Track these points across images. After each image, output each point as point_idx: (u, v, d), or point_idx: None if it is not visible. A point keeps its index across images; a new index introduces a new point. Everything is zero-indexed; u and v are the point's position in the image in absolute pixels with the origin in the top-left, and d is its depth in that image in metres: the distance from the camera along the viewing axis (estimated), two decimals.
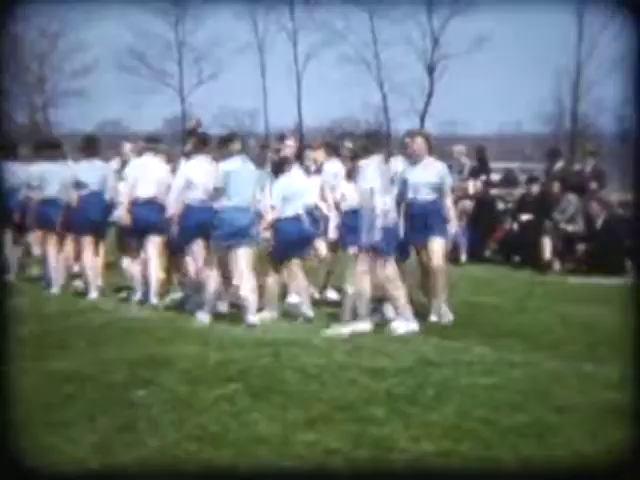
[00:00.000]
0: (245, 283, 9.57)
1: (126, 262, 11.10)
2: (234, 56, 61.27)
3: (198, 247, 10.17)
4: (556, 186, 15.80)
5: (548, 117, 43.13)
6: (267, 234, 9.94)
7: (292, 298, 10.48)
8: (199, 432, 5.65)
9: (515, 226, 16.15)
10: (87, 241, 11.54)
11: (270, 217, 9.91)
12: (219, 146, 10.08)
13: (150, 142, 11.39)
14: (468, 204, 16.81)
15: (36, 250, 13.02)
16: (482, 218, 16.56)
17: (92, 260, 11.54)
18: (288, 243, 9.92)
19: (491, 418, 5.86)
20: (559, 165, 16.55)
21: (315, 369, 7.23)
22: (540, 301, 11.51)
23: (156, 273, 10.79)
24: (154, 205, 10.75)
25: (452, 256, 16.10)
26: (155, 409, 6.15)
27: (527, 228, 15.66)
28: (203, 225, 9.88)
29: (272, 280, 9.98)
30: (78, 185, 11.58)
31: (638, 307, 9.11)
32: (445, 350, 8.17)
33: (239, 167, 9.77)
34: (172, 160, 11.45)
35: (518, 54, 65.32)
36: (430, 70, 43.18)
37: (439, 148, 14.54)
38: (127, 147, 12.35)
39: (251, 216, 9.80)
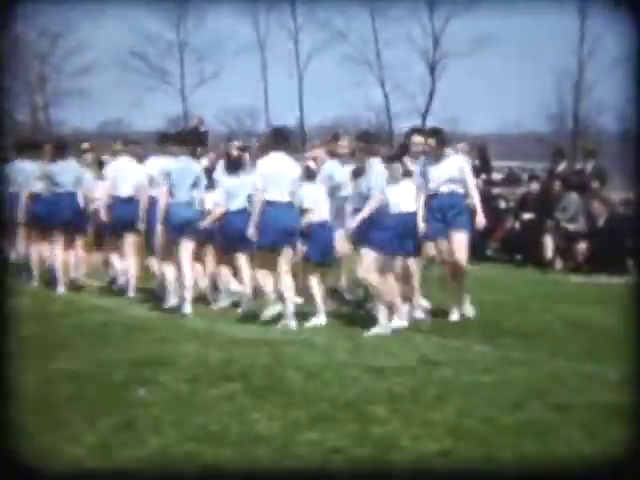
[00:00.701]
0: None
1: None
2: (235, 55, 61.61)
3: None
4: (557, 185, 15.79)
5: (550, 116, 43.15)
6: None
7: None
8: (200, 432, 5.64)
9: (517, 225, 16.15)
10: (58, 237, 12.13)
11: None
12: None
13: (126, 145, 12.28)
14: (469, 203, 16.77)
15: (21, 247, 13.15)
16: (484, 217, 16.52)
17: (62, 255, 12.12)
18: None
19: (492, 417, 5.86)
20: (562, 166, 16.54)
21: (316, 368, 7.23)
22: (541, 300, 11.50)
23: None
24: (133, 203, 11.30)
25: None
26: (155, 408, 6.15)
27: (529, 227, 15.66)
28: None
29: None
30: (52, 184, 12.17)
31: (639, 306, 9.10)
32: (446, 349, 8.17)
33: None
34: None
35: (519, 53, 65.18)
36: (432, 69, 43.19)
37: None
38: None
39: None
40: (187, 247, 10.30)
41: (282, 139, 9.87)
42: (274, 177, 9.46)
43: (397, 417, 5.90)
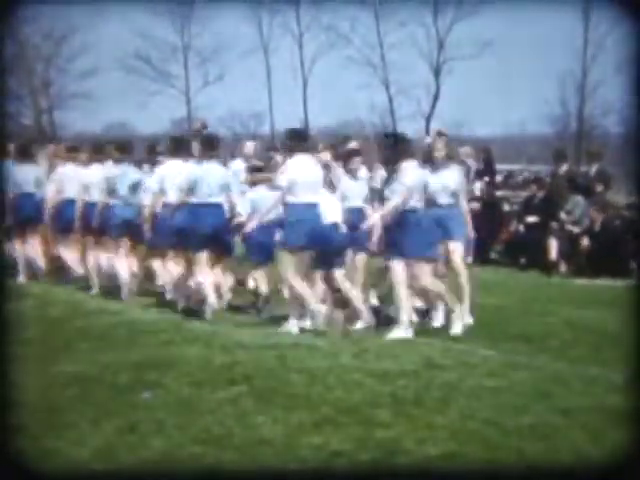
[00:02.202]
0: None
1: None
2: (240, 58, 61.53)
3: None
4: (562, 187, 15.79)
5: (554, 119, 43.16)
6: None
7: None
8: (203, 435, 5.64)
9: (521, 228, 16.15)
10: (19, 233, 13.15)
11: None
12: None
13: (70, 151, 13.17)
14: (474, 206, 16.79)
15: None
16: (488, 220, 16.55)
17: (20, 248, 13.11)
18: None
19: (496, 420, 5.85)
20: (564, 167, 16.53)
21: (320, 372, 7.22)
22: (545, 303, 11.50)
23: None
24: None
25: None
26: (159, 411, 6.15)
27: (533, 230, 15.65)
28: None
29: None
30: (15, 185, 12.93)
31: None
32: (450, 352, 8.16)
33: None
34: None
35: (523, 56, 65.24)
36: (436, 72, 43.19)
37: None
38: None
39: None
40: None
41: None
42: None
43: (401, 421, 5.89)
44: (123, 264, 11.77)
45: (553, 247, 14.89)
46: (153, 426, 5.82)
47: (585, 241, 14.62)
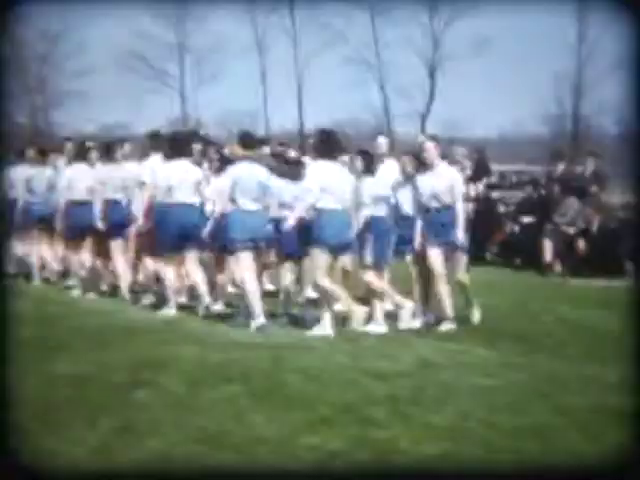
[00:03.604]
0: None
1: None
2: (235, 57, 61.49)
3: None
4: (557, 188, 15.81)
5: (549, 119, 43.16)
6: None
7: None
8: (199, 434, 5.64)
9: (516, 228, 16.17)
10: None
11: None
12: None
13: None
14: (469, 206, 16.81)
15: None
16: (483, 220, 16.57)
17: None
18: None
19: (492, 420, 5.85)
20: (561, 167, 16.54)
21: (316, 371, 7.22)
22: (541, 303, 11.52)
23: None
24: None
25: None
26: (155, 411, 6.14)
27: (528, 230, 15.67)
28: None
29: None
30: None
31: (639, 309, 9.11)
32: (446, 352, 8.17)
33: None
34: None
35: (519, 56, 65.15)
36: (431, 72, 43.21)
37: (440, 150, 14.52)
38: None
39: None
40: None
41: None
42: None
43: (397, 420, 5.90)
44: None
45: (548, 248, 14.90)
46: (149, 425, 5.80)
47: (581, 243, 14.63)
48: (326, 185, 9.30)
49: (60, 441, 5.49)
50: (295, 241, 9.80)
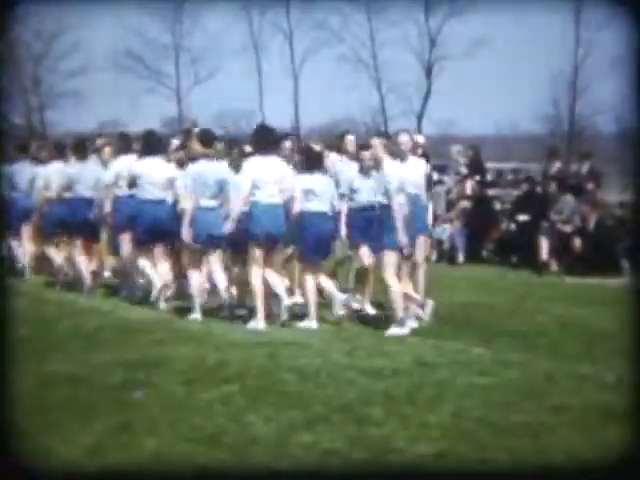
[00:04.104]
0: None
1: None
2: (230, 57, 61.47)
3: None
4: (553, 187, 15.82)
5: (545, 117, 43.21)
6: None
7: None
8: (195, 433, 5.64)
9: (512, 226, 16.17)
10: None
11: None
12: None
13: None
14: (465, 204, 16.83)
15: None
16: (479, 218, 16.58)
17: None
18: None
19: (487, 419, 5.86)
20: (556, 165, 16.56)
21: (312, 370, 7.22)
22: (537, 301, 11.53)
23: None
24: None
25: (449, 256, 16.23)
26: (151, 410, 6.14)
27: (524, 229, 15.67)
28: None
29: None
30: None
31: (635, 308, 9.12)
32: (442, 351, 8.18)
33: None
34: None
35: (515, 55, 65.35)
36: (428, 71, 43.22)
37: (436, 149, 14.57)
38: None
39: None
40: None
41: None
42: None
43: (393, 419, 5.90)
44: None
45: (544, 246, 14.91)
46: (145, 425, 5.80)
47: (577, 241, 14.63)
48: (258, 180, 9.48)
49: (56, 441, 5.49)
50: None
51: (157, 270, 10.89)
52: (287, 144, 10.74)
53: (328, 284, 9.88)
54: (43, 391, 6.63)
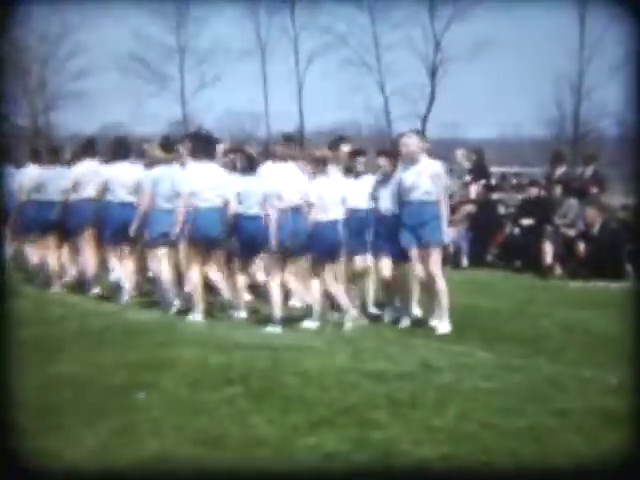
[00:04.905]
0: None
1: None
2: (236, 60, 61.33)
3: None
4: (557, 190, 15.80)
5: (550, 121, 43.16)
6: None
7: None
8: (199, 435, 5.64)
9: (516, 230, 16.15)
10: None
11: None
12: None
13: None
14: (470, 208, 16.82)
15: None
16: (483, 222, 16.57)
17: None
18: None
19: (491, 422, 5.86)
20: (561, 170, 16.53)
21: (315, 372, 7.22)
22: (541, 306, 11.51)
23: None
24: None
25: (453, 260, 16.20)
26: (155, 412, 6.14)
27: (528, 232, 15.66)
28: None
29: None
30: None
31: (638, 312, 9.11)
32: (446, 354, 8.18)
33: None
34: None
35: (519, 58, 65.28)
36: (432, 73, 43.21)
37: (440, 152, 14.57)
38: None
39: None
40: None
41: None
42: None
43: (397, 422, 5.90)
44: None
45: (548, 250, 14.90)
46: (149, 427, 5.81)
47: (581, 245, 14.61)
48: (197, 185, 10.21)
49: (59, 442, 5.50)
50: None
51: (123, 268, 11.60)
52: (221, 148, 11.38)
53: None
54: (47, 392, 6.63)
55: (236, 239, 10.38)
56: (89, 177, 12.06)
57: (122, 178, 11.59)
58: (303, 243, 9.78)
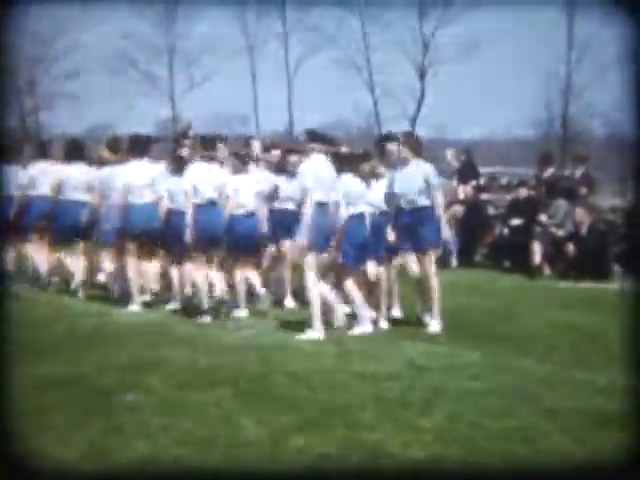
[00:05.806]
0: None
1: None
2: (225, 60, 61.36)
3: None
4: (546, 190, 15.82)
5: (538, 122, 43.21)
6: None
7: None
8: (188, 437, 5.63)
9: (505, 231, 16.16)
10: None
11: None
12: None
13: None
14: (458, 209, 16.82)
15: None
16: (472, 223, 16.58)
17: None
18: None
19: (481, 423, 5.86)
20: (550, 171, 16.54)
21: (304, 373, 7.22)
22: (530, 306, 11.52)
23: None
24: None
25: (442, 261, 16.18)
26: (144, 413, 6.13)
27: (517, 233, 15.67)
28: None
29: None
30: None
31: (628, 312, 9.13)
32: (435, 355, 8.17)
33: None
34: None
35: (508, 59, 65.28)
36: (421, 75, 43.21)
37: (430, 152, 14.54)
38: None
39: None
40: None
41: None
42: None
43: (386, 423, 5.90)
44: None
45: (537, 250, 14.91)
46: (138, 428, 5.80)
47: (570, 246, 14.63)
48: (131, 183, 10.79)
49: (49, 443, 5.48)
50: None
51: (76, 264, 12.18)
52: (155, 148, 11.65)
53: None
54: (37, 393, 6.61)
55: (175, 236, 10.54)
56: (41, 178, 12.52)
57: (76, 178, 12.15)
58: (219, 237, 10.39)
